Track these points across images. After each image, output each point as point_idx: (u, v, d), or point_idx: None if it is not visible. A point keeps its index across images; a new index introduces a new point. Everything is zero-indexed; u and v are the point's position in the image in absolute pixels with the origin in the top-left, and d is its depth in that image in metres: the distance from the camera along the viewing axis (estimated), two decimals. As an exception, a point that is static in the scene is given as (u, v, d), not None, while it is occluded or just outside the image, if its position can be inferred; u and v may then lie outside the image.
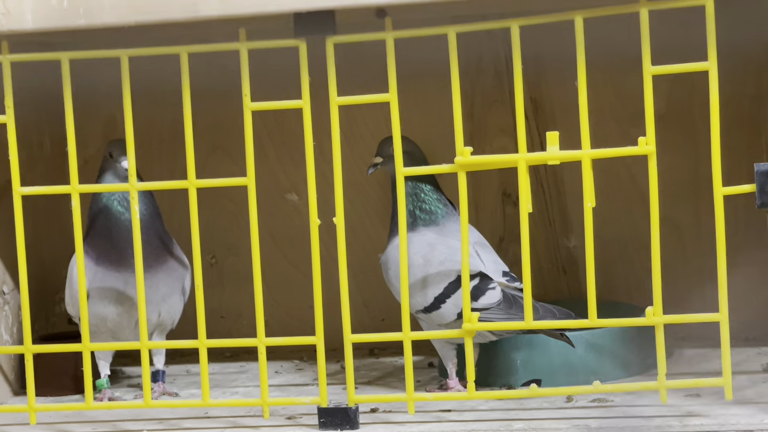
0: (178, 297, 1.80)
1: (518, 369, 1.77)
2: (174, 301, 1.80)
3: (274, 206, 2.11)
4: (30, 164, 1.97)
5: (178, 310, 1.82)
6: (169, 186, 1.63)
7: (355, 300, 1.97)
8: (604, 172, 1.94)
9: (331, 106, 1.56)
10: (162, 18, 1.56)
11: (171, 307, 1.79)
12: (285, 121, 2.07)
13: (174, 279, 1.78)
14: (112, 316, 1.76)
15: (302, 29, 1.54)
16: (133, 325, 1.77)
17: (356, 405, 1.59)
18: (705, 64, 1.47)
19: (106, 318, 1.76)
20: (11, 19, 1.58)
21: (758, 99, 1.95)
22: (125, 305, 1.75)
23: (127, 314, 1.76)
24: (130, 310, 1.76)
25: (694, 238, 2.01)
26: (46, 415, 1.71)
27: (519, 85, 1.52)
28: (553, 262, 2.07)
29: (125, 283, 1.74)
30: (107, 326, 1.77)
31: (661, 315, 1.51)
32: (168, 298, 1.78)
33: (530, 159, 1.54)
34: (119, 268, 1.73)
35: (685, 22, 1.56)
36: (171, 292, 1.78)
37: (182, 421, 1.68)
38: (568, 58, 1.54)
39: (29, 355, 1.64)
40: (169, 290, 1.78)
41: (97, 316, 1.75)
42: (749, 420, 1.50)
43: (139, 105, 1.63)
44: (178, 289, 1.79)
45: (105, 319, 1.76)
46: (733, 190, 1.49)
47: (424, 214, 1.73)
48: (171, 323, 1.82)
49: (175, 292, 1.79)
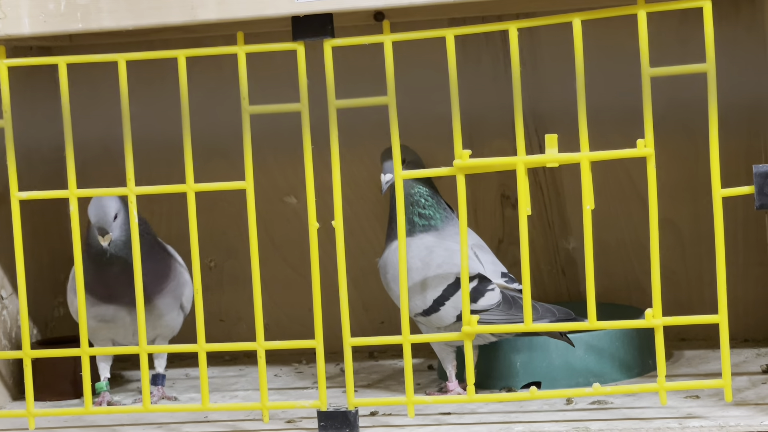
0: (176, 313, 1.80)
1: (518, 371, 1.77)
2: (172, 317, 1.79)
3: (273, 210, 2.11)
4: (28, 169, 1.96)
5: (179, 323, 1.82)
6: (167, 190, 1.62)
7: (355, 303, 1.97)
8: (603, 175, 1.94)
9: (330, 109, 1.56)
10: (160, 21, 1.56)
11: (169, 323, 1.79)
12: (283, 125, 2.07)
13: (171, 299, 1.78)
14: (107, 333, 1.78)
15: (300, 32, 1.54)
16: (131, 336, 1.78)
17: (356, 408, 1.59)
18: (703, 66, 1.47)
19: (102, 332, 1.77)
20: (8, 23, 1.58)
21: (757, 100, 1.95)
22: (118, 327, 1.77)
23: (123, 330, 1.77)
24: (124, 332, 1.77)
25: (693, 239, 2.01)
26: (45, 420, 1.71)
27: (517, 87, 1.52)
28: (552, 264, 2.07)
29: (114, 315, 1.75)
30: (106, 335, 1.78)
31: (661, 317, 1.51)
32: (165, 316, 1.78)
33: (529, 161, 1.54)
34: (107, 302, 1.74)
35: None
36: (168, 311, 1.78)
37: (182, 425, 1.67)
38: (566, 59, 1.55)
39: (28, 360, 1.64)
40: (166, 310, 1.77)
41: (93, 329, 1.75)
42: (749, 421, 1.49)
43: (137, 108, 1.63)
44: (176, 307, 1.79)
45: (101, 331, 1.77)
46: (732, 191, 1.49)
47: (423, 220, 1.73)
48: (171, 334, 1.82)
49: (173, 310, 1.79)
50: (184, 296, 1.80)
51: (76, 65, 1.61)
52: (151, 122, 2.04)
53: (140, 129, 1.72)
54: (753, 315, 1.99)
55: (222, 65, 2.03)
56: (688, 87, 1.68)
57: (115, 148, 2.06)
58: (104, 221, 1.69)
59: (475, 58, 2.02)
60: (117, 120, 1.60)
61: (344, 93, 1.57)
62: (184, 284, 1.80)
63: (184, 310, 1.81)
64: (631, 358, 1.80)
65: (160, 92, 2.06)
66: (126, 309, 1.74)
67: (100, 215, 1.69)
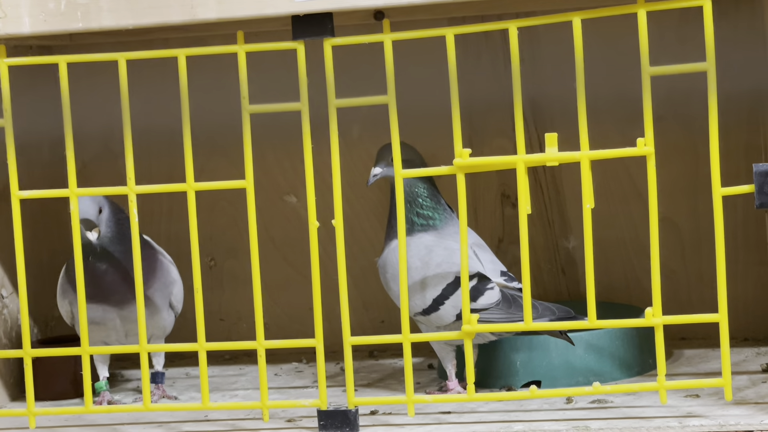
0: (166, 312, 1.79)
1: (518, 370, 1.77)
2: (162, 317, 1.78)
3: (273, 209, 2.11)
4: (28, 168, 1.96)
5: (170, 323, 1.81)
6: (167, 189, 1.62)
7: (355, 302, 1.97)
8: (603, 173, 1.94)
9: (330, 108, 1.56)
10: (160, 21, 1.56)
11: (158, 322, 1.78)
12: (283, 124, 2.07)
13: (159, 298, 1.76)
14: (98, 335, 1.77)
15: (300, 32, 1.54)
16: (123, 338, 1.77)
17: (356, 407, 1.59)
18: (703, 65, 1.47)
19: (93, 334, 1.75)
20: (8, 22, 1.58)
21: (757, 99, 1.95)
22: (109, 329, 1.76)
23: (114, 333, 1.77)
24: (116, 334, 1.76)
25: (693, 238, 2.01)
26: (45, 419, 1.71)
27: (517, 87, 1.52)
28: (552, 263, 2.07)
29: (103, 316, 1.74)
30: (97, 337, 1.77)
31: (661, 316, 1.51)
32: (154, 315, 1.76)
33: (529, 160, 1.54)
34: (95, 301, 1.72)
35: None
36: (156, 310, 1.77)
37: (182, 424, 1.67)
38: (566, 58, 1.55)
39: (28, 359, 1.64)
40: (155, 309, 1.76)
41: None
42: (749, 420, 1.49)
43: (137, 107, 1.63)
44: (165, 306, 1.78)
45: (92, 333, 1.75)
46: (732, 190, 1.49)
47: (422, 220, 1.73)
48: (164, 334, 1.82)
49: (162, 309, 1.78)
50: (173, 295, 1.79)
51: (76, 64, 1.61)
52: (152, 114, 2.04)
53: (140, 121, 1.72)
54: (753, 314, 1.99)
55: (222, 64, 2.03)
56: (688, 85, 1.68)
57: (115, 146, 2.07)
58: (89, 214, 1.68)
59: (475, 56, 2.02)
60: (117, 118, 1.60)
61: (344, 92, 1.57)
62: (172, 283, 1.79)
63: (175, 310, 1.80)
64: (631, 357, 1.80)
65: (161, 84, 2.05)
66: (115, 310, 1.73)
67: (84, 209, 1.68)
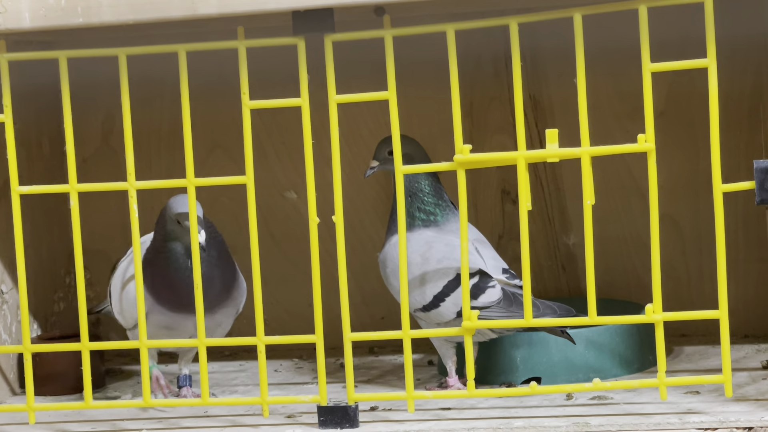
0: (232, 319, 1.75)
1: (518, 367, 1.77)
2: (228, 324, 1.75)
3: (273, 205, 2.11)
4: (28, 163, 1.96)
5: (230, 324, 1.76)
6: (168, 184, 1.62)
7: (355, 298, 1.97)
8: (603, 170, 1.94)
9: (330, 104, 1.56)
10: (160, 16, 1.56)
11: (225, 329, 1.75)
12: (284, 120, 2.07)
13: (232, 308, 1.73)
14: (165, 338, 1.71)
15: (301, 27, 1.54)
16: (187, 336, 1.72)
17: (356, 403, 1.59)
18: (704, 61, 1.47)
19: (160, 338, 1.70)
20: (9, 17, 1.58)
21: (757, 96, 1.95)
22: (180, 334, 1.70)
23: (183, 336, 1.71)
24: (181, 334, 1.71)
25: (694, 235, 2.01)
26: (45, 414, 1.71)
27: (518, 83, 1.52)
28: (552, 259, 2.07)
29: (180, 323, 1.69)
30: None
31: (661, 312, 1.51)
32: (222, 324, 1.73)
33: (529, 156, 1.53)
34: (177, 311, 1.68)
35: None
36: (227, 320, 1.73)
37: (182, 420, 1.67)
38: (567, 54, 1.55)
39: (28, 355, 1.64)
40: (225, 318, 1.73)
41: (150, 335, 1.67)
42: (749, 417, 1.49)
43: (137, 103, 1.63)
44: (233, 314, 1.75)
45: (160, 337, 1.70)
46: (733, 187, 1.49)
47: (423, 215, 1.73)
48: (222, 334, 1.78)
49: (231, 317, 1.74)
50: (242, 302, 1.75)
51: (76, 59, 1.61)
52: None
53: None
54: (753, 311, 1.99)
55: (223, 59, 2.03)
56: (688, 82, 1.68)
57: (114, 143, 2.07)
58: (201, 214, 1.63)
59: (475, 53, 2.02)
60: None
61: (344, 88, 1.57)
62: (243, 292, 1.74)
63: (238, 312, 1.76)
64: (631, 353, 1.80)
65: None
66: (192, 318, 1.65)
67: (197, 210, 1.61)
